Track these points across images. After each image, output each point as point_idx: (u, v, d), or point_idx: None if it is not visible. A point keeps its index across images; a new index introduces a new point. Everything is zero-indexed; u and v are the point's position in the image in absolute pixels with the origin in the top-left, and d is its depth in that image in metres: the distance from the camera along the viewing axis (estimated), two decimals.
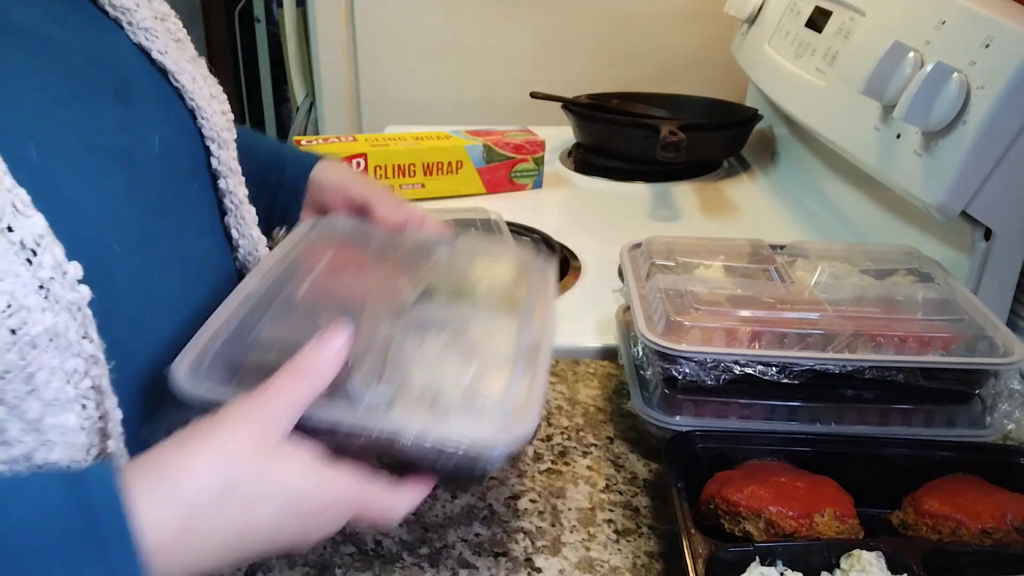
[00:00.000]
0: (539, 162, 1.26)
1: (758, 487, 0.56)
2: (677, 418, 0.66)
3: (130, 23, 0.53)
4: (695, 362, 0.63)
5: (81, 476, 0.38)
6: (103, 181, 0.46)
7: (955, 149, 0.77)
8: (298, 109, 1.99)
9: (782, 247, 0.79)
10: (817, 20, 1.12)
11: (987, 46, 0.76)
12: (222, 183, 0.58)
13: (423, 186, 1.20)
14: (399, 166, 1.18)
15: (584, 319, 0.87)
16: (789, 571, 0.52)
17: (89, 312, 0.40)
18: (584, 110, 1.38)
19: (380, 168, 1.16)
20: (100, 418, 0.41)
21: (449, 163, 1.21)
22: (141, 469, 0.39)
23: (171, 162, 0.53)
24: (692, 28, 1.61)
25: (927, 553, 0.52)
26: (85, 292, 0.40)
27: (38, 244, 0.38)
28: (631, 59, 1.64)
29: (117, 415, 0.42)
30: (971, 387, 0.65)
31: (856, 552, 0.52)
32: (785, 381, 0.63)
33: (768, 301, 0.67)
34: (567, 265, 0.99)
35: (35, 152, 0.41)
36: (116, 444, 0.42)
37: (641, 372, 0.69)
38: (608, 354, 0.81)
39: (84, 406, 0.40)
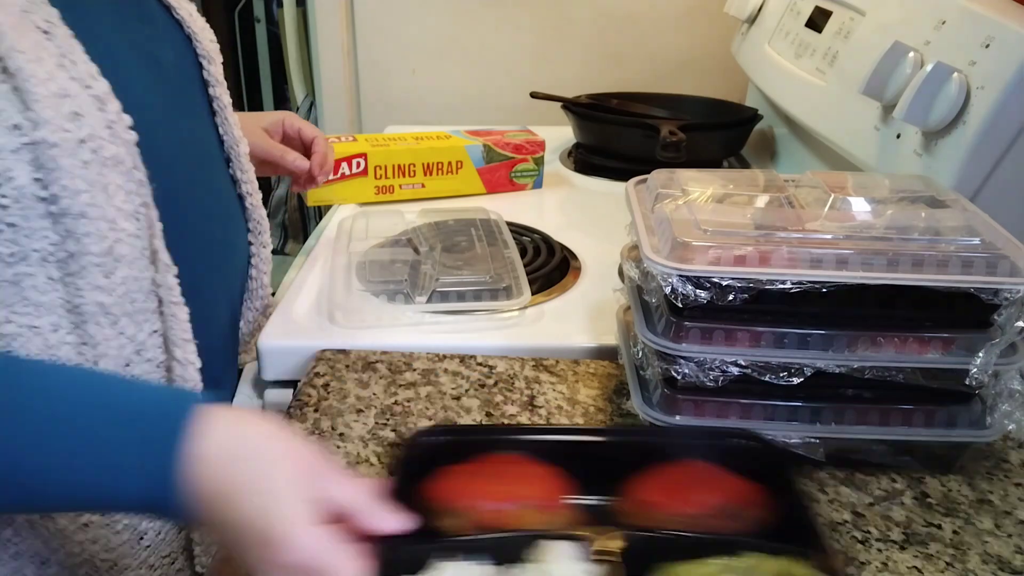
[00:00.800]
0: (539, 162, 1.26)
1: (463, 480, 0.53)
2: (677, 418, 0.66)
3: None
4: (695, 362, 0.63)
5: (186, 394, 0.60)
6: (142, 71, 0.64)
7: (955, 149, 0.77)
8: (298, 109, 1.99)
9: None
10: (817, 20, 1.12)
11: (987, 46, 0.76)
12: (211, 90, 0.76)
13: (423, 186, 1.20)
14: (399, 166, 1.18)
15: (584, 319, 0.87)
16: (484, 564, 0.49)
17: (137, 150, 0.58)
18: (584, 110, 1.38)
19: (380, 168, 1.16)
20: (148, 227, 0.59)
21: (449, 163, 1.20)
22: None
23: (180, 69, 0.72)
24: (692, 28, 1.61)
25: (628, 540, 0.50)
26: (134, 135, 0.57)
27: (105, 99, 0.56)
28: (631, 59, 1.64)
29: (159, 225, 0.61)
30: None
31: (543, 543, 0.49)
32: (783, 383, 0.63)
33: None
34: (567, 265, 0.99)
35: (103, 46, 0.58)
36: (159, 243, 0.60)
37: (641, 372, 0.69)
38: (608, 354, 0.81)
39: (138, 218, 0.58)
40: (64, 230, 0.54)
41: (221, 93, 0.77)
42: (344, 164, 1.14)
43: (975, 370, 0.61)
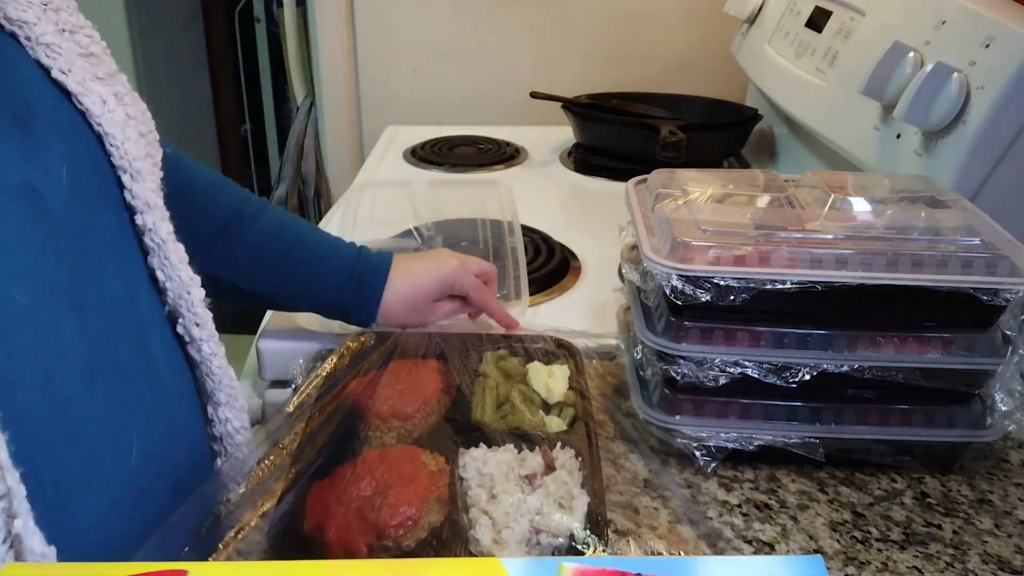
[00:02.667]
0: None
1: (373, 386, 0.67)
2: (677, 418, 0.66)
3: (28, 38, 0.47)
4: (694, 362, 0.63)
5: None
6: (3, 225, 0.41)
7: (955, 149, 0.77)
8: (298, 109, 1.98)
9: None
10: (817, 20, 1.12)
11: (987, 46, 0.76)
12: (139, 219, 0.52)
13: None
14: None
15: (584, 319, 0.87)
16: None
17: None
18: (584, 110, 1.38)
19: None
20: (2, 497, 0.37)
21: None
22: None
23: (82, 197, 0.47)
24: (692, 28, 1.61)
25: None
26: None
27: None
28: (631, 59, 1.64)
29: (21, 491, 0.38)
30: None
31: None
32: (783, 383, 0.63)
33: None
34: (567, 265, 0.99)
35: None
36: (23, 524, 0.38)
37: (641, 372, 0.69)
38: (608, 354, 0.81)
39: None
40: None
41: (155, 222, 0.52)
42: None
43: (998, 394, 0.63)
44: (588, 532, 0.52)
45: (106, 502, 0.45)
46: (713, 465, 0.66)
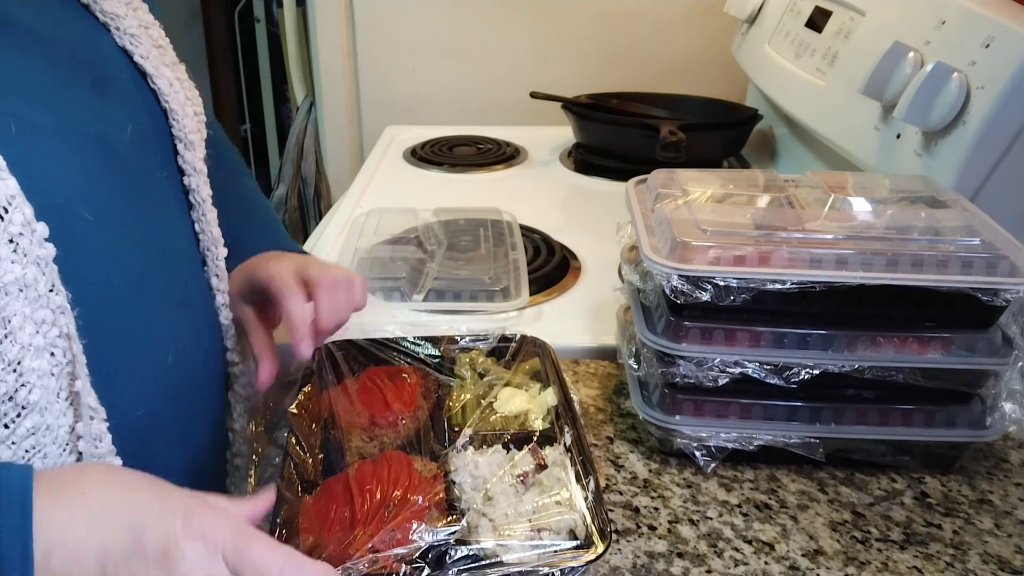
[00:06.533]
0: None
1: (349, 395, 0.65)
2: (677, 418, 0.66)
3: (117, 28, 0.59)
4: (694, 362, 0.63)
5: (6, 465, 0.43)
6: (77, 159, 0.51)
7: (955, 149, 0.77)
8: (298, 109, 1.98)
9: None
10: (817, 20, 1.12)
11: (987, 46, 0.76)
12: (186, 180, 0.63)
13: None
14: None
15: (584, 319, 0.87)
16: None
17: (55, 267, 0.45)
18: (584, 110, 1.38)
19: None
20: (68, 363, 0.46)
21: None
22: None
23: (144, 151, 0.58)
24: (692, 28, 1.61)
25: None
26: (51, 249, 0.45)
27: (9, 203, 0.43)
28: (631, 59, 1.64)
29: (83, 358, 0.47)
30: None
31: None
32: (783, 383, 0.63)
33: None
34: (567, 265, 0.99)
35: (14, 127, 0.46)
36: (83, 384, 0.47)
37: (641, 372, 0.69)
38: (608, 354, 0.81)
39: (53, 353, 0.45)
40: None
41: (199, 184, 0.63)
42: None
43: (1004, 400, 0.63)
44: (590, 527, 0.52)
45: (143, 392, 0.54)
46: (713, 465, 0.66)
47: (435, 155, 1.42)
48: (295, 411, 0.64)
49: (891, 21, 0.93)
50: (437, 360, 0.70)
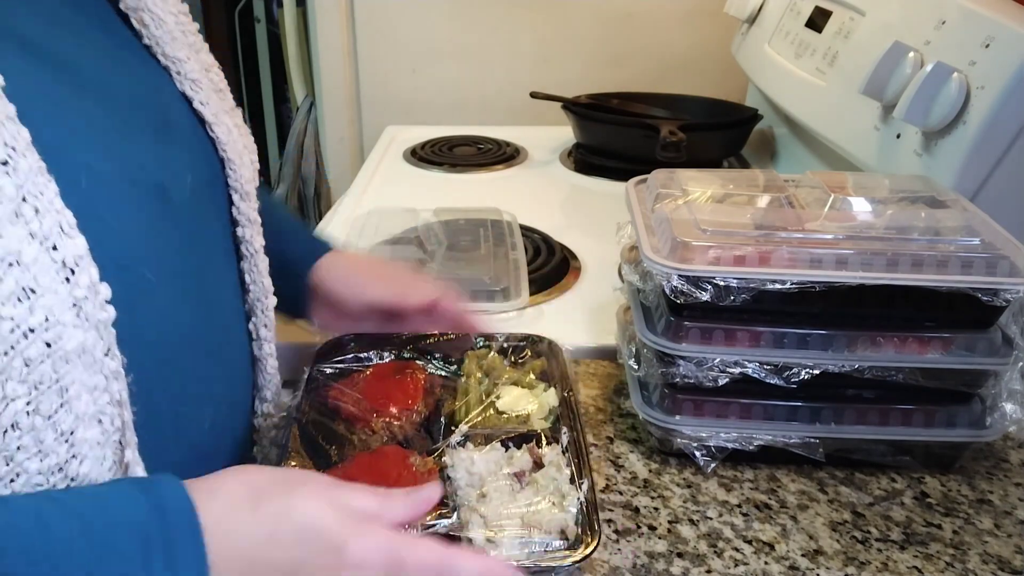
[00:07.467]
0: None
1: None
2: (677, 418, 0.66)
3: (179, 73, 0.56)
4: (694, 362, 0.63)
5: (152, 482, 0.42)
6: (140, 212, 0.48)
7: (955, 149, 0.77)
8: (298, 109, 1.98)
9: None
10: (817, 20, 1.12)
11: (987, 46, 0.76)
12: (239, 231, 0.60)
13: None
14: None
15: (584, 319, 0.87)
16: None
17: (113, 331, 0.42)
18: (584, 110, 1.38)
19: None
20: (117, 430, 0.43)
21: None
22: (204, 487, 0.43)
23: (200, 202, 0.56)
24: (692, 28, 1.61)
25: None
26: (111, 312, 0.42)
27: (77, 264, 0.40)
28: (631, 59, 1.64)
29: (131, 427, 0.44)
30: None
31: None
32: (783, 383, 0.63)
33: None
34: (567, 265, 0.99)
35: (84, 180, 0.43)
36: (132, 454, 0.44)
37: (641, 372, 0.69)
38: (608, 354, 0.81)
39: (100, 420, 0.42)
40: None
41: (253, 235, 0.61)
42: None
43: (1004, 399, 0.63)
44: (580, 528, 0.52)
45: (181, 460, 0.51)
46: (713, 465, 0.66)
47: (435, 155, 1.42)
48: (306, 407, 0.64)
49: (891, 21, 0.93)
50: (444, 358, 0.71)
